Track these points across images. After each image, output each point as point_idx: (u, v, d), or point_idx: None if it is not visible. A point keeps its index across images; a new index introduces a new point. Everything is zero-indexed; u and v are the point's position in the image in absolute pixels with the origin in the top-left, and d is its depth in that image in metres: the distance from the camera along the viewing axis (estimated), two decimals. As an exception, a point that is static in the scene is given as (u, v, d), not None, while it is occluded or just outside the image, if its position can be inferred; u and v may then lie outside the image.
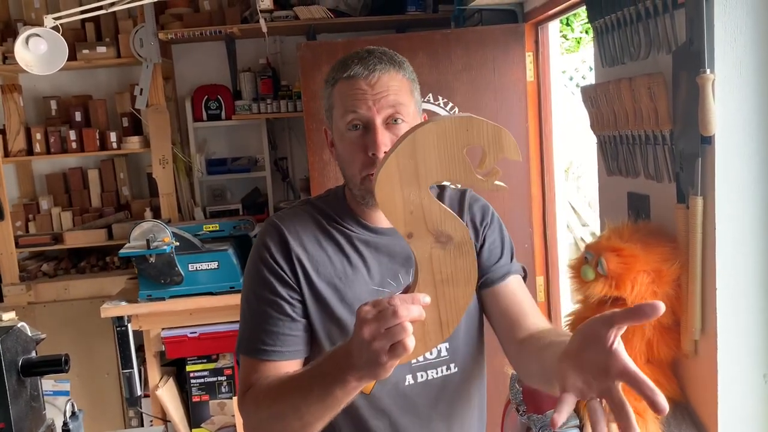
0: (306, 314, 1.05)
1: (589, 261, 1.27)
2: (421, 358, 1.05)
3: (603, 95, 1.46)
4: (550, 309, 2.73)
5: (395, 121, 1.02)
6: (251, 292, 1.08)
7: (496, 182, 0.81)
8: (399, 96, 1.03)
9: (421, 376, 1.06)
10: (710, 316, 1.19)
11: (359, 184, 1.03)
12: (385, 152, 0.99)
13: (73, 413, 1.66)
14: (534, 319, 1.06)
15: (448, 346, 1.08)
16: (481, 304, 1.12)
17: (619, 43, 1.42)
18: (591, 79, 3.54)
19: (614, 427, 1.20)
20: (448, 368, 1.08)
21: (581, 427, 1.24)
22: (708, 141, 1.15)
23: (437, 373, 1.07)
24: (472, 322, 1.11)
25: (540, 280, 2.66)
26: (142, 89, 3.19)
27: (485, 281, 1.10)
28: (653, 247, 1.24)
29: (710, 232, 1.17)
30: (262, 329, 1.04)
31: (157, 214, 3.40)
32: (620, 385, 0.74)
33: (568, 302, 2.76)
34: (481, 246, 1.12)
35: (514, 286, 1.11)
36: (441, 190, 1.16)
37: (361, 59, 1.04)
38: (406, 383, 1.05)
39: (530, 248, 2.60)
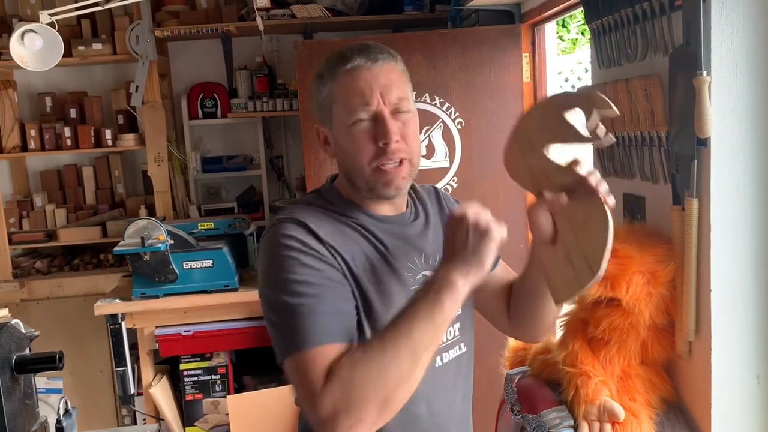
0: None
1: (584, 262, 1.27)
2: (444, 339, 1.08)
3: (599, 96, 1.46)
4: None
5: (400, 111, 1.03)
6: (288, 288, 0.96)
7: (605, 136, 0.91)
8: (401, 87, 1.05)
9: (446, 357, 1.09)
10: (704, 317, 1.19)
11: (369, 176, 1.02)
12: (397, 141, 1.02)
13: (67, 411, 1.65)
14: None
15: (459, 326, 1.11)
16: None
17: (615, 45, 1.43)
18: (587, 80, 3.55)
19: (608, 427, 1.20)
20: (460, 348, 1.12)
21: (575, 428, 1.24)
22: (704, 143, 1.15)
23: (454, 353, 1.10)
24: (470, 303, 1.15)
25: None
26: (137, 86, 3.18)
27: None
28: (648, 248, 1.24)
29: (705, 234, 1.17)
30: (324, 314, 0.95)
31: (151, 212, 3.38)
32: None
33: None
34: None
35: (504, 267, 1.22)
36: (414, 190, 1.18)
37: (361, 50, 1.04)
38: (436, 365, 1.06)
39: (525, 248, 2.60)
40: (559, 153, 0.95)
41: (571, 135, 0.92)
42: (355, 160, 1.03)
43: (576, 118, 0.91)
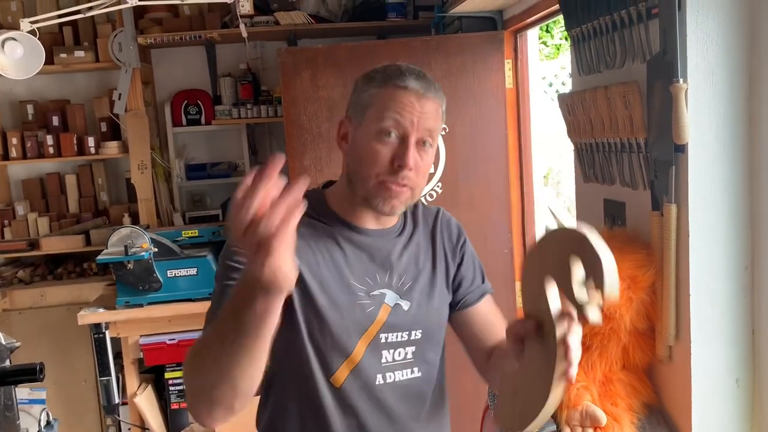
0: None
1: (565, 267, 1.28)
2: (390, 359, 1.09)
3: (579, 103, 1.47)
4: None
5: (424, 143, 1.07)
6: (217, 288, 1.03)
7: (589, 311, 0.81)
8: (435, 123, 1.09)
9: (390, 377, 1.09)
10: (684, 321, 1.20)
11: (372, 186, 1.05)
12: (410, 169, 1.04)
13: (48, 422, 1.63)
14: (502, 333, 1.07)
15: (414, 350, 1.12)
16: (455, 321, 1.19)
17: (595, 52, 1.44)
18: (570, 85, 3.57)
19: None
20: (412, 371, 1.12)
21: (558, 433, 1.24)
22: (681, 149, 1.17)
23: (403, 375, 1.10)
24: (439, 333, 1.17)
25: (519, 285, 2.67)
26: (120, 94, 3.16)
27: (464, 302, 1.18)
28: (628, 253, 1.25)
29: (684, 239, 1.18)
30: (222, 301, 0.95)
31: (135, 220, 3.36)
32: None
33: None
34: (459, 264, 1.18)
35: (489, 306, 1.20)
36: (415, 207, 1.19)
37: (419, 76, 1.08)
38: (377, 382, 1.08)
39: (510, 253, 2.61)
40: (555, 295, 0.85)
41: (565, 282, 0.82)
42: (365, 166, 1.05)
43: (579, 270, 0.82)
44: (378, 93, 1.06)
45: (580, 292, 0.80)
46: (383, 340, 1.08)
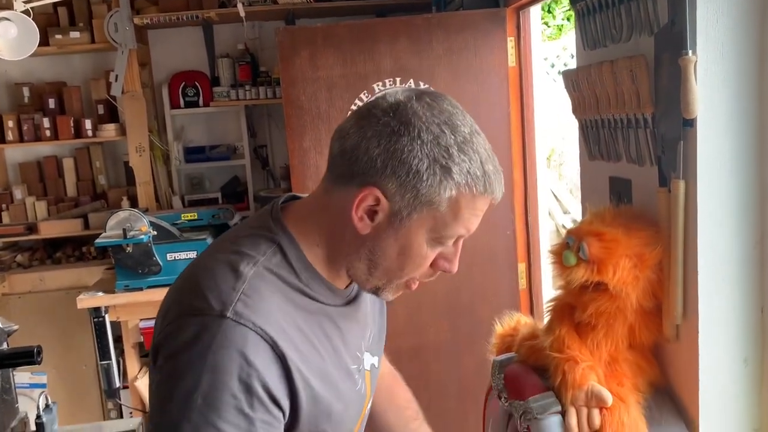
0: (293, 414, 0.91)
1: (570, 246, 1.26)
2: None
3: (585, 78, 1.44)
4: (531, 295, 2.73)
5: None
6: (222, 419, 0.81)
7: None
8: None
9: None
10: (692, 300, 1.18)
11: (396, 284, 0.96)
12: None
13: (47, 406, 1.63)
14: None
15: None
16: None
17: (600, 26, 1.41)
18: (573, 66, 3.53)
19: (596, 412, 1.19)
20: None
21: (563, 413, 1.23)
22: (690, 124, 1.14)
23: None
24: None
25: (522, 267, 2.66)
26: (117, 75, 3.13)
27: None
28: (635, 231, 1.23)
29: (692, 216, 1.16)
30: None
31: (134, 203, 3.35)
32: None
33: (549, 288, 2.76)
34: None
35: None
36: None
37: (499, 178, 0.93)
38: None
39: (512, 234, 2.59)
40: None
41: None
42: (406, 267, 0.93)
43: None
44: (454, 194, 0.88)
45: None
46: (367, 412, 1.09)
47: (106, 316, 2.78)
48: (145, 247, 2.72)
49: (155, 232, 2.77)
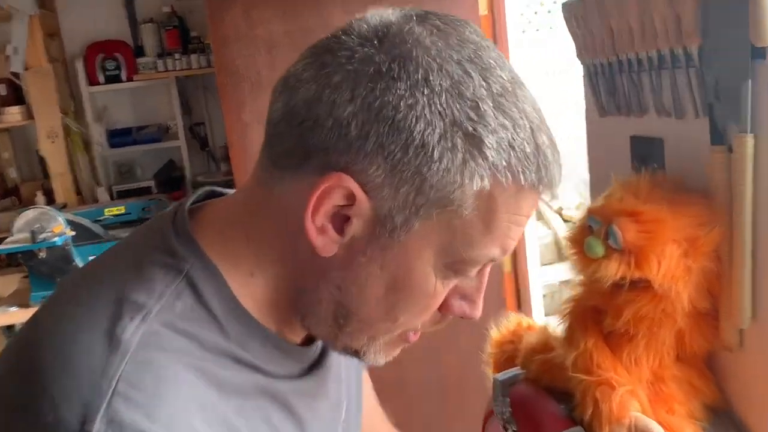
0: None
1: (595, 231, 0.96)
2: None
3: (595, 9, 1.14)
4: (517, 279, 2.48)
5: None
6: None
7: None
8: None
9: None
10: (764, 295, 0.90)
11: (381, 338, 0.63)
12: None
13: None
14: None
15: None
16: None
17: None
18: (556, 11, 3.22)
19: (645, 455, 0.91)
20: None
21: (598, 455, 0.94)
22: (762, 54, 0.85)
23: None
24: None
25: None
26: (16, 48, 2.72)
27: None
28: (682, 207, 0.94)
29: (764, 182, 0.87)
30: None
31: (51, 199, 2.96)
32: None
33: (536, 270, 2.51)
34: None
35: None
36: None
37: (557, 157, 0.59)
38: None
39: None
40: None
41: None
42: (390, 309, 0.60)
43: None
44: (506, 193, 0.57)
45: None
46: None
47: (23, 334, 2.42)
48: (61, 251, 2.35)
49: (74, 232, 2.41)
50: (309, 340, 0.70)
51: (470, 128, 0.54)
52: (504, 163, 0.55)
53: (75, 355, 0.53)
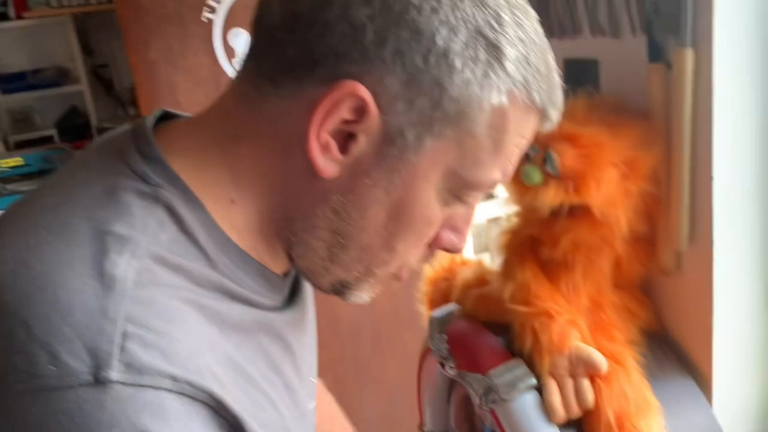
0: None
1: (532, 158, 0.93)
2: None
3: None
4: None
5: None
6: None
7: None
8: None
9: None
10: (703, 217, 0.89)
11: (376, 272, 0.60)
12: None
13: None
14: None
15: None
16: None
17: None
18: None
19: (585, 384, 0.90)
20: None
21: (539, 388, 0.93)
22: (702, -37, 0.81)
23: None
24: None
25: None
26: None
27: None
28: (621, 128, 0.91)
29: (704, 100, 0.85)
30: None
31: (-62, 152, 2.71)
32: None
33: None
34: None
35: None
36: None
37: (559, 88, 0.61)
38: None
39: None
40: None
41: None
42: (390, 238, 0.57)
43: None
44: (519, 111, 0.55)
45: None
46: None
47: None
48: (-47, 208, 2.16)
49: (-35, 187, 2.21)
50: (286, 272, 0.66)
51: (492, 38, 0.52)
52: (521, 79, 0.54)
53: (62, 295, 0.46)
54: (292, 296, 0.68)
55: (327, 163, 0.53)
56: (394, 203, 0.55)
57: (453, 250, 0.62)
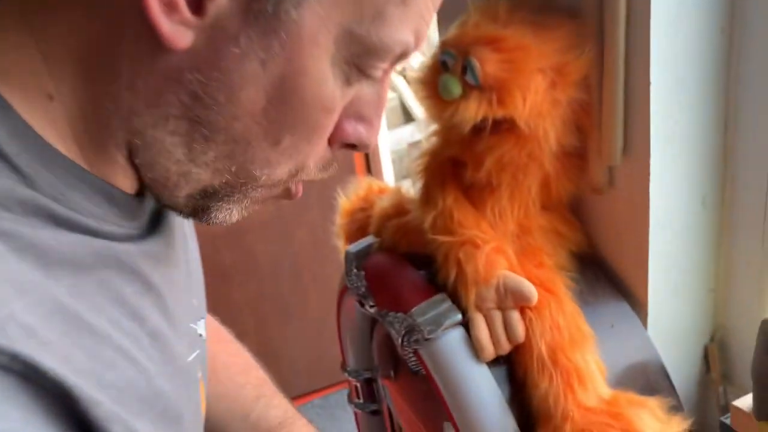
0: None
1: (450, 67, 0.81)
2: None
3: None
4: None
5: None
6: None
7: None
8: None
9: None
10: (639, 128, 0.81)
11: (255, 184, 0.48)
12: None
13: None
14: None
15: None
16: None
17: None
18: None
19: (515, 316, 0.82)
20: None
21: (466, 324, 0.85)
22: None
23: None
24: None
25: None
26: None
27: None
28: (548, 30, 0.81)
29: (639, -5, 0.75)
30: None
31: None
32: None
33: (383, 135, 2.37)
34: None
35: None
36: None
37: None
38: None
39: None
40: None
41: None
42: (276, 129, 0.44)
43: None
44: None
45: None
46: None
47: None
48: None
49: None
50: (141, 192, 0.52)
51: None
52: None
53: None
54: (155, 223, 0.54)
55: (175, 28, 0.39)
56: (275, 79, 0.42)
57: (360, 145, 0.51)
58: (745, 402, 0.82)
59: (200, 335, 0.60)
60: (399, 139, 2.92)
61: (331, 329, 1.27)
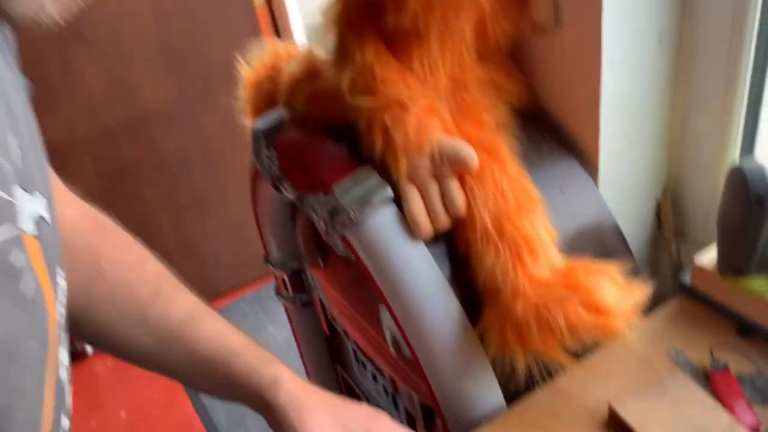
0: None
1: None
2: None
3: None
4: (272, 8, 2.12)
5: None
6: None
7: None
8: None
9: None
10: (587, -53, 0.67)
11: None
12: None
13: None
14: None
15: None
16: None
17: None
18: None
19: (453, 185, 0.71)
20: None
21: (397, 199, 0.73)
22: None
23: None
24: None
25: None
26: None
27: None
28: None
29: None
30: None
31: None
32: None
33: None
34: None
35: None
36: None
37: None
38: None
39: None
40: None
41: None
42: None
43: None
44: None
45: None
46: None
47: None
48: None
49: None
50: None
51: None
52: None
53: None
54: None
55: None
56: None
57: None
58: (707, 257, 0.75)
59: (17, 216, 0.42)
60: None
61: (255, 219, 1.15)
